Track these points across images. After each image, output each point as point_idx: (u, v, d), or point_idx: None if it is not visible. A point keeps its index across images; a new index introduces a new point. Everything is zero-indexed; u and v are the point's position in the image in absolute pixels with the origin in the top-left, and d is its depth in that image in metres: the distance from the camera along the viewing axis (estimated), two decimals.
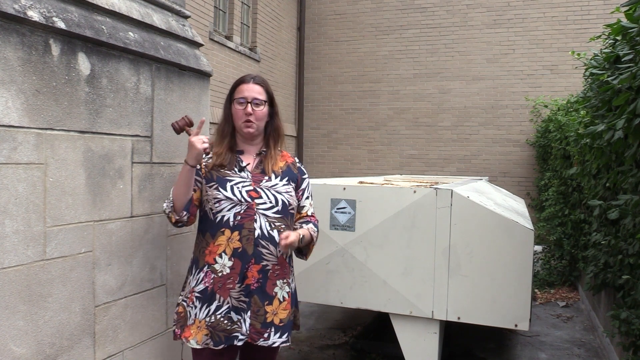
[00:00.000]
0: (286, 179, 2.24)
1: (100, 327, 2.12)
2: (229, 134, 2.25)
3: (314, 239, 2.31)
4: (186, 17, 2.77)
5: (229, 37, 8.17)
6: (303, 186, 2.34)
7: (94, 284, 2.08)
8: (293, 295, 2.29)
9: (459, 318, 3.28)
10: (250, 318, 2.11)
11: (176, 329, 2.20)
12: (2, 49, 1.70)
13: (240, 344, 2.10)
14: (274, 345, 2.16)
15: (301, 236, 2.18)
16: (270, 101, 2.26)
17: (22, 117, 1.77)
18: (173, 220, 2.16)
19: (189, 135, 2.15)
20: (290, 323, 2.23)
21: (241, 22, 8.64)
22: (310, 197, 2.38)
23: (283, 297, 2.19)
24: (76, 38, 1.97)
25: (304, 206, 2.34)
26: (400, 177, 6.41)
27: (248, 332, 2.10)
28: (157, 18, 2.49)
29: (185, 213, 2.16)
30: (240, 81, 2.25)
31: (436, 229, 3.32)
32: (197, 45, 2.78)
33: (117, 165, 2.19)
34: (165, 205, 2.19)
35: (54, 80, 1.89)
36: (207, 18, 7.41)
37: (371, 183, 3.99)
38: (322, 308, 5.42)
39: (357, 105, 10.09)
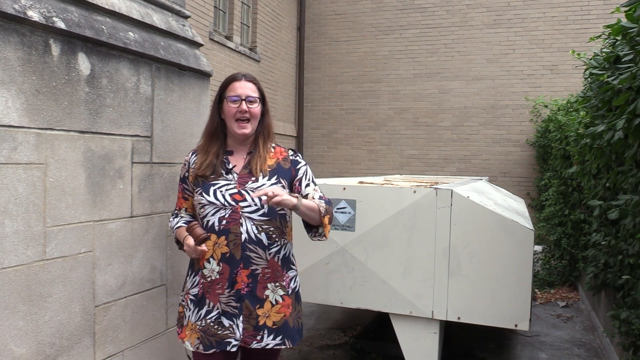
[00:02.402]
0: (275, 177, 2.14)
1: (100, 327, 2.12)
2: (218, 137, 2.17)
3: (323, 210, 2.10)
4: (186, 17, 2.77)
5: (229, 37, 8.17)
6: (299, 175, 2.20)
7: (94, 284, 2.08)
8: (295, 297, 2.20)
9: (459, 318, 3.28)
10: (242, 322, 2.07)
11: (177, 328, 2.22)
12: (2, 49, 1.70)
13: (234, 349, 2.06)
14: (268, 347, 2.10)
15: (299, 200, 2.01)
16: (262, 99, 2.20)
17: (22, 117, 1.77)
18: (178, 247, 2.29)
19: (198, 242, 2.06)
20: (287, 326, 2.13)
21: (241, 22, 8.64)
22: (311, 183, 2.22)
23: (276, 300, 2.11)
24: (76, 38, 1.97)
25: (307, 194, 2.17)
26: (400, 177, 6.41)
27: (242, 336, 2.07)
28: (157, 18, 2.49)
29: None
30: (232, 79, 2.17)
31: (436, 229, 3.32)
32: (197, 45, 2.78)
33: (117, 165, 2.19)
34: (171, 225, 2.29)
35: (54, 80, 1.89)
36: (207, 18, 7.41)
37: (371, 183, 3.99)
38: (322, 308, 5.41)
39: (357, 105, 10.09)
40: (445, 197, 3.30)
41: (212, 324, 2.07)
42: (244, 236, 2.06)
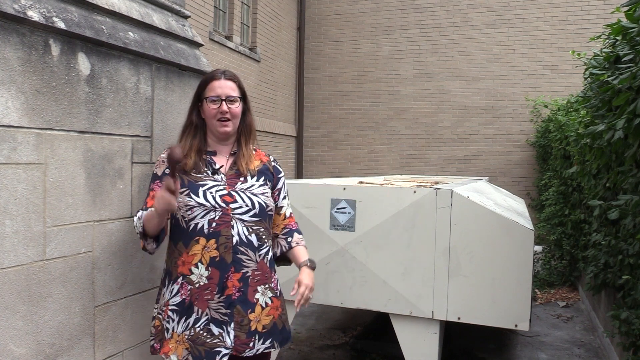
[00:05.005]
0: (262, 178, 2.11)
1: (100, 327, 2.12)
2: (196, 136, 2.08)
3: (305, 247, 2.23)
4: (186, 17, 2.77)
5: (229, 37, 8.17)
6: (279, 186, 2.20)
7: (93, 284, 2.08)
8: (282, 298, 2.16)
9: (459, 318, 3.28)
10: (234, 329, 1.97)
11: (155, 344, 2.06)
12: (2, 49, 1.70)
13: (225, 359, 1.97)
14: (259, 353, 2.04)
15: (312, 266, 2.12)
16: (243, 97, 2.13)
17: (22, 117, 1.77)
18: (141, 246, 2.04)
19: (173, 175, 1.83)
20: (276, 328, 2.07)
21: (241, 22, 8.64)
22: (287, 196, 2.25)
23: (265, 302, 2.04)
24: (76, 38, 1.97)
25: (282, 207, 2.21)
26: (400, 177, 6.41)
27: (233, 344, 1.98)
28: (157, 18, 2.49)
29: (154, 246, 2.03)
30: (211, 77, 2.07)
31: (436, 229, 3.32)
32: (197, 45, 2.78)
33: (117, 165, 2.19)
34: (136, 222, 2.01)
35: (53, 80, 1.89)
36: (207, 18, 7.41)
37: (371, 183, 3.99)
38: (322, 308, 5.41)
39: (357, 105, 10.09)
40: (445, 197, 3.30)
41: (201, 331, 1.96)
42: (235, 239, 1.98)
